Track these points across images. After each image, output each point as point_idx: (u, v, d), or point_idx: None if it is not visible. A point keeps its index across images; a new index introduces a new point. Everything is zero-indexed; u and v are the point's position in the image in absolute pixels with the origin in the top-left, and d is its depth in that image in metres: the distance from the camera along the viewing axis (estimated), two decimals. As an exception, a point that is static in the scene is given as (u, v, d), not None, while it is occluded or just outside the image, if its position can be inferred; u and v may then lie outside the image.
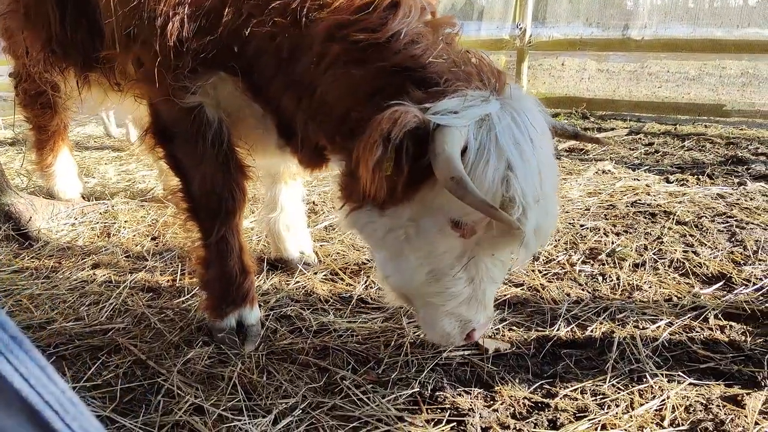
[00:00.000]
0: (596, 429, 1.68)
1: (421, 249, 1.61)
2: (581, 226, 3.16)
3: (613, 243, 2.92)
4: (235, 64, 1.80)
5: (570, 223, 3.20)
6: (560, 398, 1.82)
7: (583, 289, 2.52)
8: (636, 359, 1.99)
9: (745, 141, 5.29)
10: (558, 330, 2.18)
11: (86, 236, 3.18)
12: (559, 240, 2.98)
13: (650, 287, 2.51)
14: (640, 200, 3.55)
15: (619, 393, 1.84)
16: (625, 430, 1.67)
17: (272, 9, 1.67)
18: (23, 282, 2.63)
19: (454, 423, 1.72)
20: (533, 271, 2.67)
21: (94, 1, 1.97)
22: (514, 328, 2.22)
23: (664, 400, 1.79)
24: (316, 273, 2.69)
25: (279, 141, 1.99)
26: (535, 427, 1.70)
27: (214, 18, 1.73)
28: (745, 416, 1.70)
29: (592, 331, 2.18)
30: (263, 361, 2.03)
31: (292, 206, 2.75)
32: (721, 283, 2.51)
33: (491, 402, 1.82)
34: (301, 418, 1.74)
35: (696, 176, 4.08)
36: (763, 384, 1.86)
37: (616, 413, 1.74)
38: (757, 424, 1.68)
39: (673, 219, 3.19)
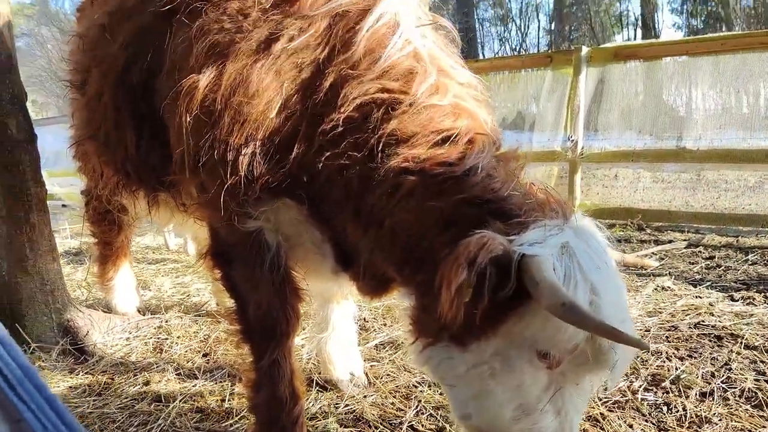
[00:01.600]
0: None
1: (509, 384, 1.56)
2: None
3: (677, 369, 2.77)
4: (302, 193, 1.85)
5: (630, 346, 3.06)
6: None
7: (647, 420, 2.37)
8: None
9: (815, 255, 5.07)
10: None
11: (139, 351, 3.21)
12: (619, 365, 2.85)
13: (720, 420, 2.34)
14: (703, 321, 3.39)
15: None
16: None
17: (347, 143, 1.73)
18: (75, 399, 2.64)
19: None
20: (592, 398, 2.55)
21: (168, 128, 2.07)
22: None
23: None
24: (365, 396, 2.63)
25: (335, 267, 2.01)
26: None
27: (285, 151, 1.80)
28: None
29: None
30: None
31: (343, 325, 2.74)
32: (799, 419, 2.34)
33: None
34: None
35: (763, 294, 3.89)
36: None
37: None
38: None
39: (741, 343, 3.03)
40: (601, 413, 2.41)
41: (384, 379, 2.79)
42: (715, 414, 2.38)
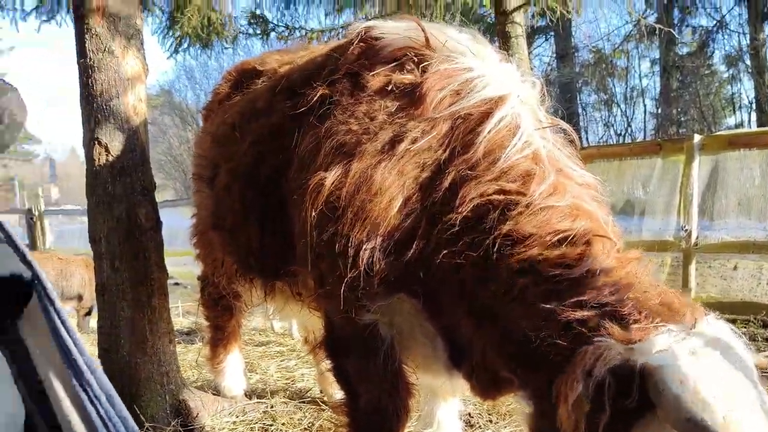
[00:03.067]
0: None
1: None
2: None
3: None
4: (418, 288, 1.88)
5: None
6: None
7: None
8: None
9: None
10: None
11: (246, 436, 3.25)
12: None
13: None
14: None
15: None
16: None
17: (463, 242, 1.76)
18: (186, 482, 2.69)
19: None
20: None
21: (291, 222, 2.17)
22: None
23: None
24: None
25: (448, 363, 2.00)
26: None
27: (404, 248, 1.84)
28: None
29: None
30: None
31: (449, 422, 2.70)
32: None
33: None
34: None
35: None
36: None
37: None
38: None
39: None
40: None
41: (491, 482, 2.69)
42: None
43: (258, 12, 11.46)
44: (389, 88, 2.03)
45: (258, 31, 11.62)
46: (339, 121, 2.02)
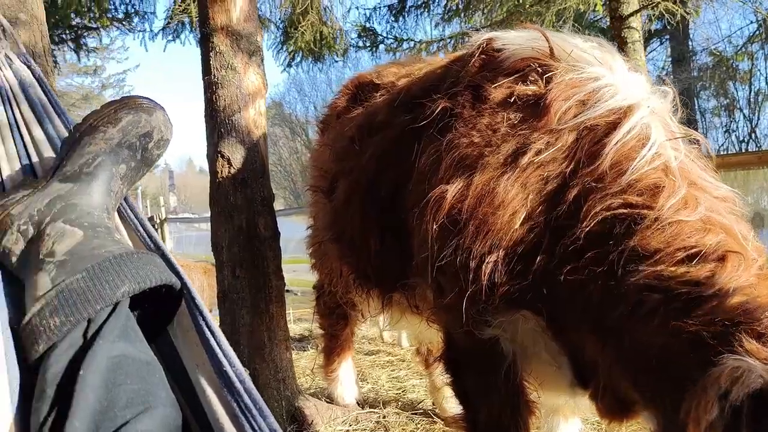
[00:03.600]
0: None
1: None
2: None
3: None
4: (541, 304, 1.83)
5: None
6: None
7: None
8: None
9: None
10: None
11: (359, 445, 3.28)
12: None
13: None
14: None
15: None
16: None
17: (588, 257, 1.70)
18: (304, 488, 2.74)
19: None
20: None
21: (410, 235, 2.18)
22: None
23: None
24: None
25: (573, 381, 1.94)
26: None
27: (527, 262, 1.81)
28: None
29: None
30: None
31: (569, 442, 2.61)
32: None
33: None
34: None
35: None
36: None
37: None
38: None
39: None
40: None
41: (614, 507, 2.58)
42: None
43: (368, 25, 11.68)
44: (512, 99, 2.00)
45: (367, 44, 11.84)
46: (460, 134, 2.01)
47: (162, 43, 12.91)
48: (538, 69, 2.01)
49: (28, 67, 1.88)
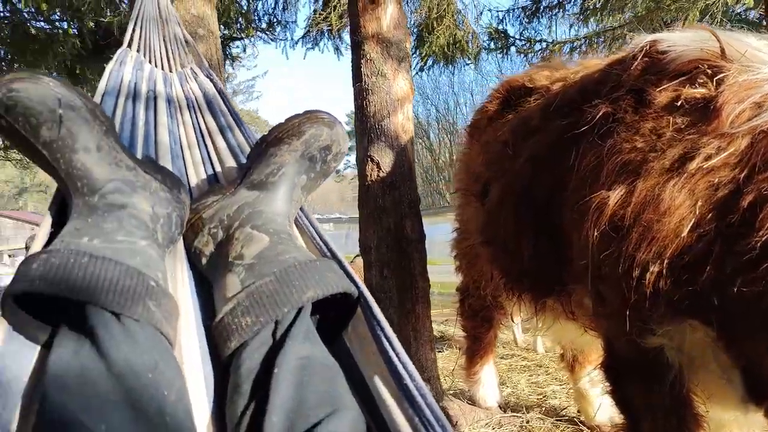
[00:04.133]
0: None
1: None
2: None
3: None
4: (711, 315, 1.77)
5: None
6: None
7: None
8: None
9: None
10: None
11: (504, 449, 3.29)
12: None
13: None
14: None
15: None
16: None
17: (765, 268, 1.63)
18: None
19: None
20: None
21: (567, 240, 2.17)
22: None
23: None
24: None
25: (744, 397, 1.85)
26: None
27: (695, 271, 1.75)
28: None
29: None
30: None
31: (735, 457, 2.48)
32: None
33: None
34: None
35: None
36: None
37: None
38: None
39: None
40: None
41: None
42: None
43: (500, 27, 11.59)
44: (678, 103, 1.94)
45: (498, 46, 11.75)
46: (622, 139, 1.98)
47: (302, 51, 13.47)
48: (708, 71, 1.94)
49: (211, 80, 2.06)
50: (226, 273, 1.17)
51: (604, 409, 3.25)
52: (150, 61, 2.04)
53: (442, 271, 3.85)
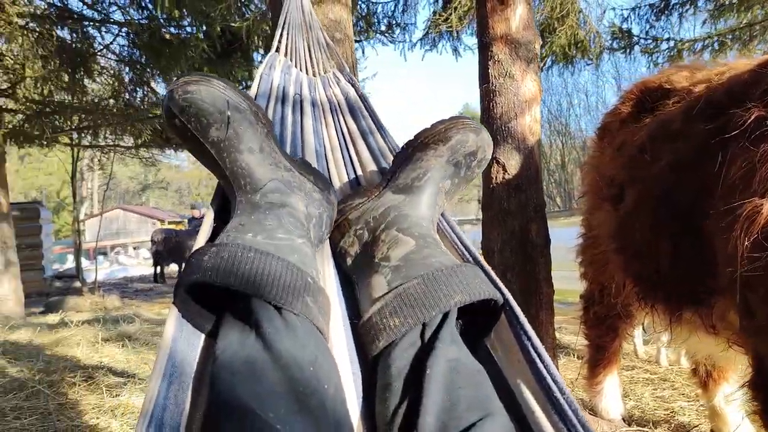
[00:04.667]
0: None
1: None
2: None
3: None
4: None
5: None
6: None
7: None
8: None
9: None
10: None
11: (631, 463, 3.17)
12: None
13: None
14: None
15: None
16: None
17: None
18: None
19: None
20: None
21: (711, 249, 2.07)
22: None
23: None
24: None
25: None
26: None
27: None
28: None
29: None
30: None
31: None
32: None
33: None
34: None
35: None
36: None
37: None
38: None
39: None
40: None
41: None
42: None
43: (624, 26, 11.20)
44: (843, 106, 1.81)
45: (621, 45, 11.36)
46: (778, 144, 1.87)
47: (420, 53, 13.56)
48: None
49: (353, 85, 2.11)
50: (372, 274, 1.20)
51: (744, 430, 3.07)
52: (296, 66, 2.12)
53: (556, 277, 3.74)
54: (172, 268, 17.38)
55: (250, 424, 0.79)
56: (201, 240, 1.21)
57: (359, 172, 1.70)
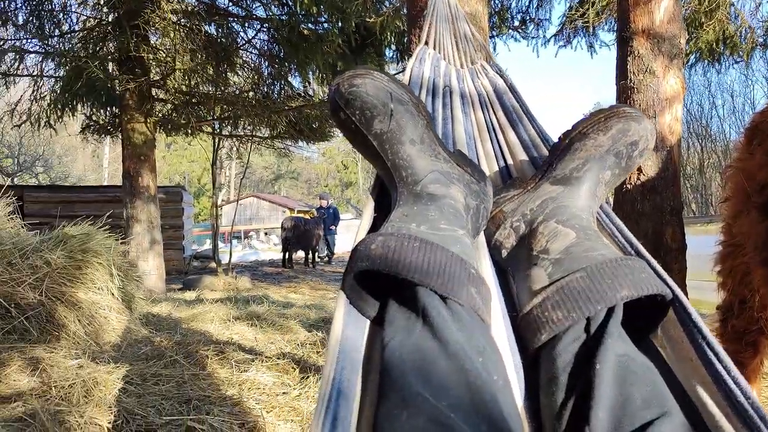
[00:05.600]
0: None
1: None
2: None
3: None
4: None
5: None
6: None
7: None
8: None
9: None
10: None
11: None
12: None
13: None
14: None
15: None
16: None
17: None
18: None
19: None
20: None
21: None
22: None
23: None
24: None
25: None
26: None
27: None
28: None
29: None
30: None
31: None
32: None
33: None
34: None
35: None
36: None
37: None
38: None
39: None
40: None
41: None
42: None
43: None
44: None
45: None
46: None
47: (553, 49, 13.26)
48: None
49: (501, 75, 2.08)
50: (531, 266, 1.17)
51: None
52: (444, 58, 2.13)
53: (689, 286, 3.51)
54: (300, 254, 18.03)
55: (426, 412, 0.78)
56: (365, 227, 1.25)
57: (510, 162, 1.68)
